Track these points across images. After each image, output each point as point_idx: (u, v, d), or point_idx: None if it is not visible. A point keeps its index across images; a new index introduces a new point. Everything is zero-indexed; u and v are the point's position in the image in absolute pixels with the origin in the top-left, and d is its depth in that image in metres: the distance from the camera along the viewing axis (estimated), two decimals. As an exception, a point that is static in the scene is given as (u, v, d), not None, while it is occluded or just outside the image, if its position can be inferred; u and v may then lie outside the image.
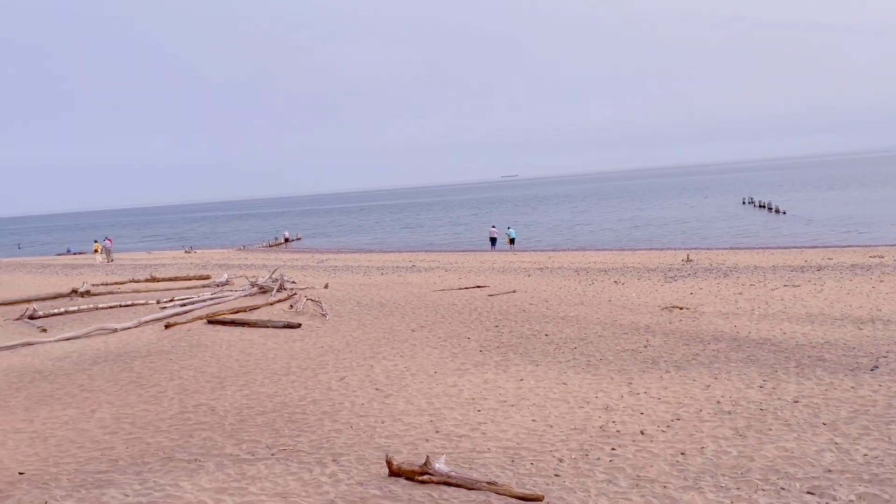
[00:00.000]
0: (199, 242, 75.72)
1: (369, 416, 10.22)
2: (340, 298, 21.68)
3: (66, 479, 7.96)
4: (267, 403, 11.08)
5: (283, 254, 53.46)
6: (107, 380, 13.06)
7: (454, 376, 12.31)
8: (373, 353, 14.36)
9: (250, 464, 8.28)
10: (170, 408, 11.07)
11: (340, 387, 11.90)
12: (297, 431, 9.60)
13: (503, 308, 19.04)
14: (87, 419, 10.65)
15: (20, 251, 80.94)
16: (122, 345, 16.19)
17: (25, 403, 11.70)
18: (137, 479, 7.86)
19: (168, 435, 9.68)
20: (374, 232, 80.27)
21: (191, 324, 18.19)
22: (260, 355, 14.59)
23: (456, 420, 9.86)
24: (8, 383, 13.14)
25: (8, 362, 14.94)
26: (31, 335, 17.95)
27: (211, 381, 12.68)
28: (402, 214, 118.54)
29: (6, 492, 7.57)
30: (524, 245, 48.50)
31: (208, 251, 59.86)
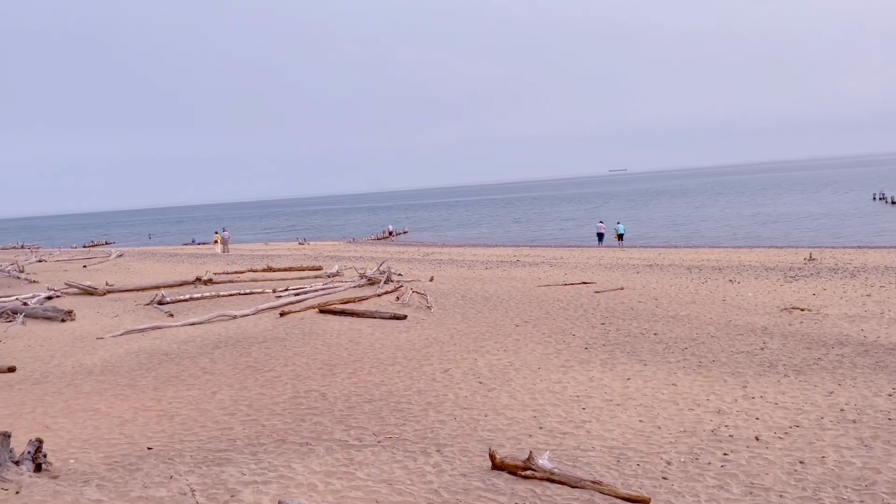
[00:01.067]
0: (312, 234, 78.59)
1: (472, 408, 10.29)
2: (445, 291, 21.93)
3: (189, 456, 8.49)
4: (374, 392, 11.38)
5: (390, 247, 54.64)
6: (227, 363, 13.81)
7: (558, 373, 12.20)
8: (476, 347, 14.45)
9: (358, 450, 8.54)
10: (283, 392, 11.58)
11: (444, 378, 12.05)
12: (403, 420, 9.81)
13: (610, 305, 18.66)
14: (209, 400, 11.31)
15: (151, 241, 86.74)
16: (240, 331, 17.07)
17: (154, 383, 12.56)
18: (253, 458, 8.27)
19: (282, 418, 10.12)
20: (481, 226, 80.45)
21: (304, 312, 18.94)
22: (368, 345, 15.00)
23: (560, 417, 9.77)
24: (139, 364, 14.15)
25: (139, 344, 16.08)
26: (160, 319, 19.23)
27: (322, 367, 13.15)
28: (509, 209, 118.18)
29: (136, 465, 8.16)
30: (634, 241, 47.27)
31: (320, 243, 62.05)
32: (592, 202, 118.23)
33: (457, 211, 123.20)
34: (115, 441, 9.30)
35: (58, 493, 6.84)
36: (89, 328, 18.39)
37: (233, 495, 6.92)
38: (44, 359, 14.97)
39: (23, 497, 6.68)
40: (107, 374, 13.38)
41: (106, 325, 18.70)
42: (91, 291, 24.91)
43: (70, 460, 8.36)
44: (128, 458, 8.48)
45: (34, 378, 13.27)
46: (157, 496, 6.90)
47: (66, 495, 6.78)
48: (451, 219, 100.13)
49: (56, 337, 17.41)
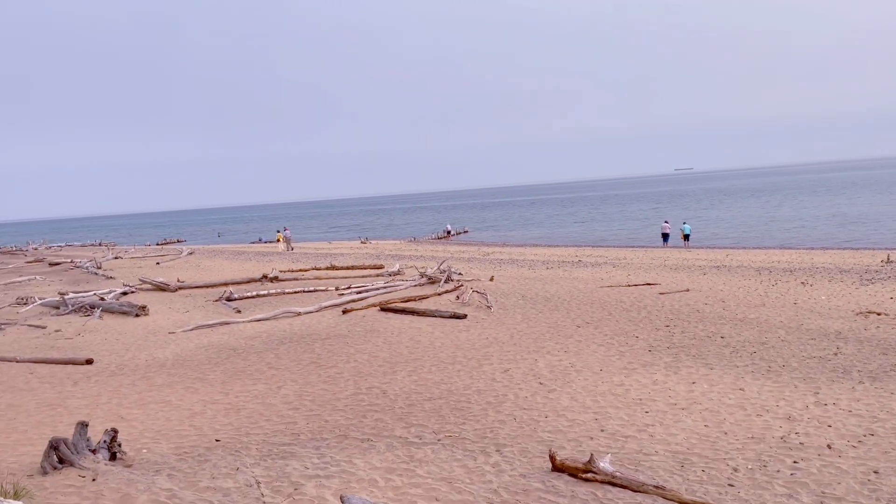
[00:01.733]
0: (374, 234, 79.50)
1: (533, 409, 10.24)
2: (505, 291, 21.87)
3: (255, 449, 8.72)
4: (434, 390, 11.45)
5: (450, 246, 54.81)
6: (291, 359, 14.12)
7: (621, 375, 12.02)
8: (537, 347, 14.36)
9: (418, 447, 8.61)
10: (345, 388, 11.76)
11: (504, 378, 12.03)
12: (462, 419, 9.84)
13: (675, 307, 18.27)
14: (274, 394, 11.59)
15: (220, 239, 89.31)
16: (304, 327, 17.42)
17: (222, 377, 12.94)
18: (316, 453, 8.44)
19: (344, 414, 10.29)
20: (542, 226, 79.78)
21: (365, 310, 19.20)
22: (428, 343, 15.09)
23: (622, 420, 9.63)
24: (208, 358, 14.60)
25: (209, 339, 16.60)
26: (228, 315, 19.80)
27: (383, 365, 13.31)
28: (573, 208, 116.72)
29: (205, 456, 8.43)
30: (701, 241, 46.10)
31: (382, 242, 62.72)
32: (658, 202, 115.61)
33: (518, 211, 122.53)
34: (185, 432, 9.63)
35: (131, 481, 7.13)
36: (162, 323, 19.08)
37: (296, 488, 7.07)
38: (119, 352, 15.62)
39: (99, 484, 6.99)
40: (178, 367, 13.86)
41: (177, 321, 19.37)
42: (163, 287, 25.84)
43: (143, 450, 8.70)
44: (197, 449, 8.77)
45: (110, 370, 13.85)
46: (224, 487, 7.12)
47: (139, 484, 7.06)
48: (512, 218, 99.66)
49: (130, 331, 18.13)
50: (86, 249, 63.44)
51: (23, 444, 9.16)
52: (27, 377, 13.56)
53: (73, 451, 7.65)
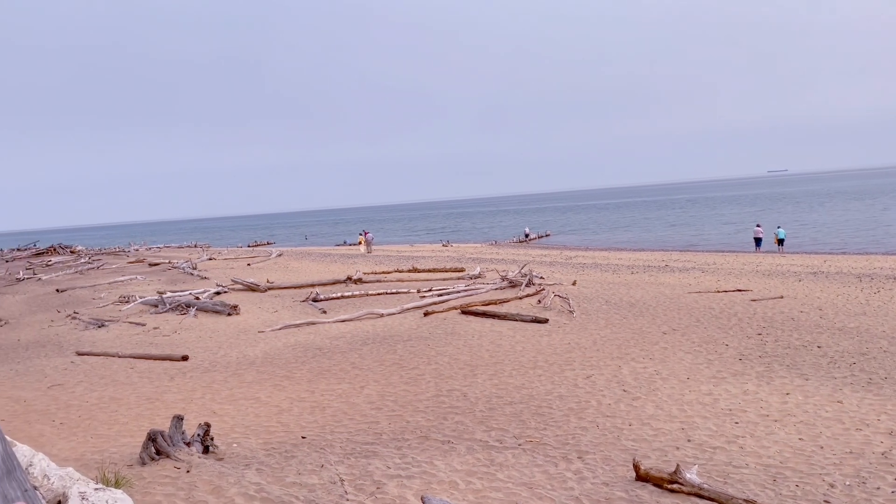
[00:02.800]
0: (455, 237, 79.89)
1: (616, 416, 10.05)
2: (588, 296, 21.55)
3: (339, 447, 8.92)
4: (515, 394, 11.40)
5: (532, 249, 54.41)
6: (374, 360, 14.37)
7: (709, 384, 11.63)
8: (621, 354, 14.08)
9: (498, 451, 8.60)
10: (427, 390, 11.87)
11: (587, 385, 11.85)
12: (543, 425, 9.75)
13: (768, 315, 17.53)
14: (357, 394, 11.82)
15: (307, 241, 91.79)
16: (387, 329, 17.69)
17: (308, 376, 13.31)
18: (398, 453, 8.55)
19: (425, 415, 10.39)
20: (630, 229, 78.01)
21: (446, 313, 19.32)
22: (509, 347, 15.04)
23: (710, 430, 9.32)
24: (295, 357, 15.04)
25: (296, 338, 17.09)
26: (314, 315, 20.34)
27: (463, 368, 13.36)
28: (661, 211, 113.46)
29: (291, 452, 8.68)
30: (798, 246, 44.04)
31: (463, 245, 62.93)
32: (753, 205, 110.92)
33: (605, 214, 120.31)
34: (273, 429, 9.95)
35: (223, 474, 7.42)
36: (252, 322, 19.79)
37: (378, 487, 7.19)
38: (212, 349, 16.29)
39: (193, 476, 7.31)
40: (266, 365, 14.35)
41: (266, 320, 20.04)
42: (254, 288, 26.80)
43: (233, 444, 9.04)
44: (284, 445, 9.05)
45: (204, 367, 14.47)
46: (309, 483, 7.31)
47: (230, 476, 7.34)
48: (598, 222, 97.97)
49: (223, 329, 18.89)
50: (182, 251, 66.49)
51: (124, 436, 9.70)
52: (128, 372, 14.34)
53: (169, 444, 8.04)
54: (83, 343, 18.02)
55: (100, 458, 8.35)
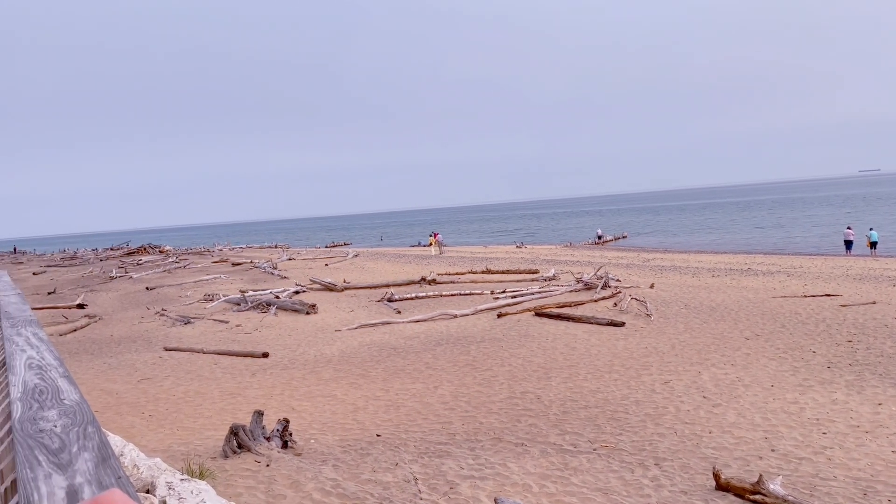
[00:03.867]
0: (530, 238, 79.39)
1: (695, 423, 9.77)
2: (666, 299, 21.02)
3: (413, 446, 9.01)
4: (589, 398, 11.25)
5: (608, 251, 53.51)
6: (447, 360, 14.45)
7: (795, 392, 11.16)
8: (700, 359, 13.68)
9: (572, 455, 8.50)
10: (500, 392, 11.85)
11: (665, 390, 11.57)
12: (619, 430, 9.58)
13: (859, 321, 16.68)
14: (431, 394, 11.91)
15: (382, 242, 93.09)
16: (460, 330, 17.76)
17: (383, 375, 13.50)
18: (471, 454, 8.57)
19: (498, 417, 10.37)
20: (713, 231, 75.48)
21: (520, 315, 19.22)
22: (583, 350, 14.85)
23: (795, 440, 8.94)
24: (371, 356, 15.28)
25: (371, 338, 17.37)
26: (389, 315, 20.61)
27: (537, 370, 13.26)
28: (746, 213, 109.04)
29: (366, 450, 8.83)
30: (890, 250, 41.74)
31: (537, 247, 62.47)
32: (844, 206, 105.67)
33: (685, 215, 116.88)
34: (348, 426, 10.14)
35: (301, 469, 7.61)
36: (329, 321, 20.23)
37: (452, 487, 7.22)
38: (291, 347, 16.74)
39: (272, 470, 7.53)
40: (343, 363, 14.63)
41: (343, 319, 20.45)
42: (331, 287, 27.38)
43: (311, 440, 9.26)
44: (359, 442, 9.21)
45: (283, 364, 14.88)
46: (384, 481, 7.41)
47: (308, 472, 7.52)
48: (679, 223, 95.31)
49: (301, 327, 19.38)
50: (264, 251, 68.53)
51: (208, 429, 10.08)
52: (212, 367, 14.90)
53: (250, 438, 8.30)
54: (170, 339, 18.83)
55: (185, 450, 8.71)
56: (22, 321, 3.66)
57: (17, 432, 1.62)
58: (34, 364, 2.39)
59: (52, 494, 1.24)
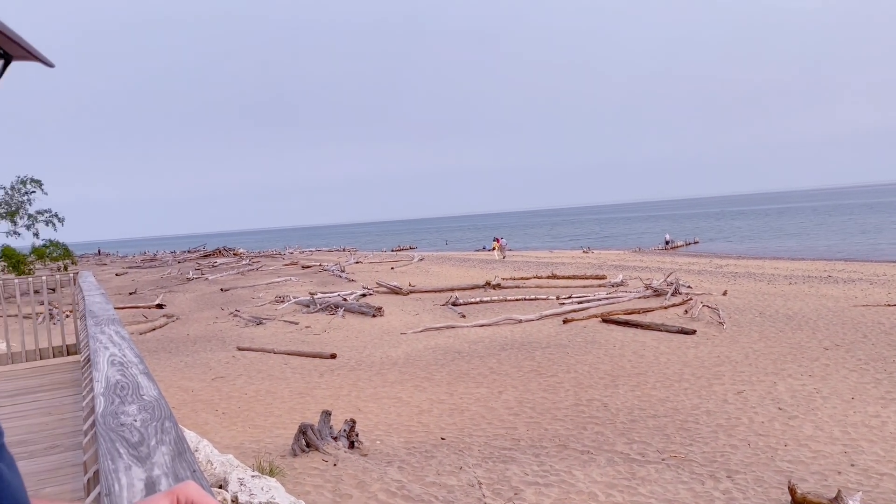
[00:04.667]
0: (597, 243, 78.31)
1: (770, 435, 9.43)
2: (740, 307, 20.37)
3: (478, 450, 9.00)
4: (658, 407, 11.00)
5: (679, 257, 52.23)
6: (512, 365, 14.39)
7: (877, 405, 10.64)
8: (776, 369, 13.20)
9: (640, 465, 8.33)
10: (565, 398, 11.72)
11: (737, 401, 11.21)
12: (689, 440, 9.34)
13: (949, 332, 15.78)
14: (495, 399, 11.88)
15: (447, 246, 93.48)
16: (525, 335, 17.66)
17: (448, 378, 13.54)
18: (536, 460, 8.51)
19: (563, 424, 10.26)
20: (791, 237, 72.61)
21: (586, 321, 18.98)
22: (652, 358, 14.54)
23: (876, 455, 8.52)
24: (435, 359, 15.36)
25: (436, 341, 17.46)
26: (454, 319, 20.67)
27: (604, 377, 13.06)
28: (830, 217, 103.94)
29: (431, 453, 8.87)
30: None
31: (604, 252, 61.54)
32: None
33: (762, 220, 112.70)
34: (413, 428, 10.22)
35: (367, 469, 7.72)
36: (394, 323, 20.44)
37: (516, 493, 7.19)
38: (358, 348, 16.99)
39: (339, 469, 7.65)
40: (408, 366, 14.76)
41: (408, 322, 20.62)
42: (397, 291, 27.67)
43: (377, 441, 9.38)
44: (424, 445, 9.26)
45: (350, 365, 15.12)
46: (448, 484, 7.44)
47: (373, 472, 7.62)
48: (754, 228, 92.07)
49: (368, 330, 19.65)
50: (332, 254, 69.80)
51: (278, 427, 10.32)
52: (282, 367, 15.26)
53: (318, 437, 8.47)
54: (243, 339, 19.39)
55: (256, 448, 8.94)
56: (105, 320, 3.85)
57: (100, 426, 1.70)
58: (116, 361, 2.51)
59: (132, 486, 1.30)
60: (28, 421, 5.06)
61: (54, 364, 7.01)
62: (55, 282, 7.85)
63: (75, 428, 4.78)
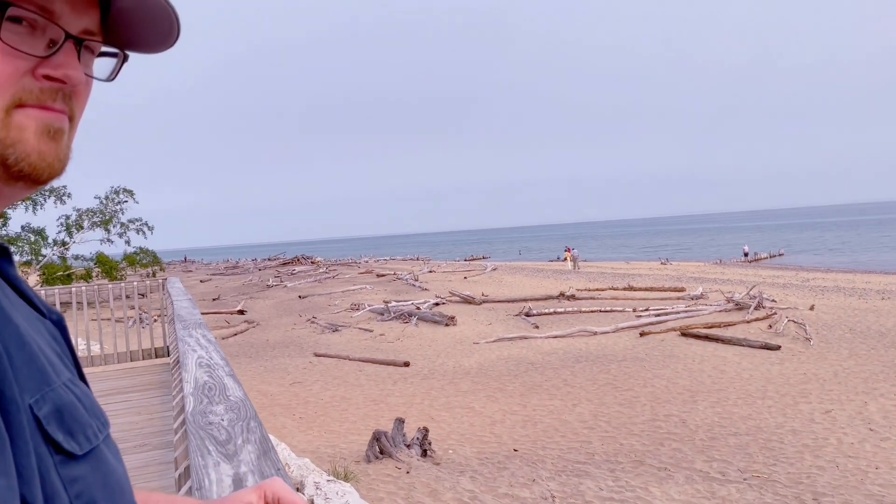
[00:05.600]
0: (675, 254, 76.35)
1: (860, 457, 8.96)
2: (828, 323, 19.45)
3: (551, 463, 8.91)
4: (740, 425, 10.62)
5: (763, 270, 50.34)
6: (586, 378, 14.17)
7: (982, 431, 9.96)
8: (867, 388, 12.53)
9: (721, 484, 8.06)
10: (642, 413, 11.46)
11: (825, 420, 10.70)
12: (773, 460, 8.98)
13: None
14: (569, 411, 11.72)
15: (520, 256, 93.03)
16: (600, 347, 17.37)
17: (520, 389, 13.46)
18: (611, 475, 8.35)
19: (639, 439, 10.03)
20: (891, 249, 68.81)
21: (664, 334, 18.52)
22: (734, 374, 14.06)
23: (982, 485, 7.97)
24: (508, 370, 15.29)
25: (509, 352, 17.39)
26: (527, 330, 20.54)
27: (682, 393, 12.71)
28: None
29: (503, 464, 8.83)
30: None
31: (683, 263, 59.90)
32: None
33: (856, 231, 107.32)
34: (486, 439, 10.20)
35: (439, 478, 7.75)
36: (467, 333, 20.47)
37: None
38: (431, 357, 17.09)
39: (412, 477, 7.72)
40: (480, 376, 14.74)
41: (481, 332, 20.62)
42: (469, 300, 27.71)
43: (449, 450, 9.41)
44: (496, 456, 9.23)
45: (423, 374, 15.23)
46: (520, 496, 7.38)
47: (446, 481, 7.64)
48: (846, 240, 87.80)
49: (440, 339, 19.75)
50: (406, 263, 70.58)
51: (352, 433, 10.50)
52: (357, 374, 15.51)
53: (391, 444, 8.57)
54: (320, 345, 19.81)
55: (331, 452, 9.12)
56: (192, 324, 4.02)
57: (190, 424, 1.79)
58: (203, 363, 2.62)
59: (221, 481, 1.36)
60: (120, 420, 5.32)
61: (143, 366, 7.35)
62: (145, 287, 8.24)
63: (163, 427, 5.00)
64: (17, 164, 0.59)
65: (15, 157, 0.59)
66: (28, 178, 0.60)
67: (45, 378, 0.56)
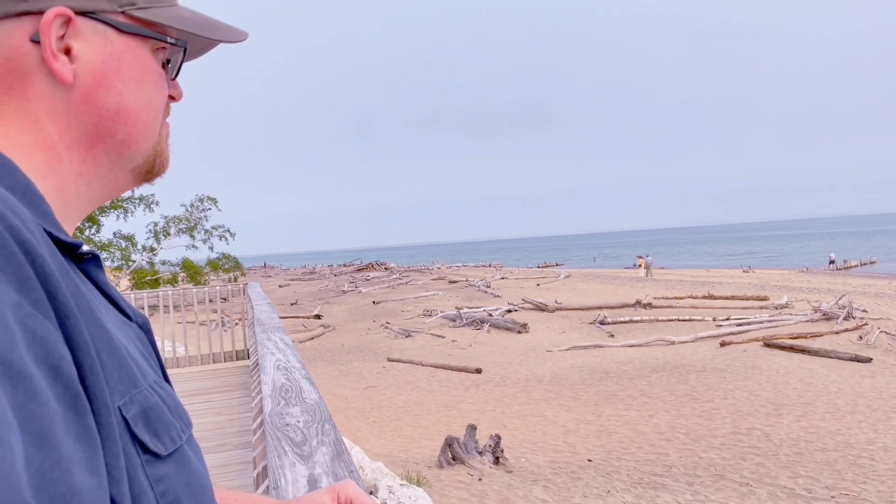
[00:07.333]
0: (758, 262, 73.62)
1: (963, 480, 8.41)
2: (927, 334, 18.35)
3: (626, 475, 8.72)
4: (827, 440, 10.14)
5: (853, 278, 47.93)
6: (663, 388, 13.82)
7: None
8: (971, 405, 11.75)
9: (806, 501, 7.71)
10: (722, 426, 11.09)
11: (923, 438, 10.09)
12: (863, 478, 8.52)
13: None
14: (645, 422, 11.45)
15: (594, 263, 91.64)
16: (678, 357, 16.91)
17: (595, 399, 13.24)
18: (689, 489, 8.11)
19: (719, 453, 9.71)
20: None
21: (746, 344, 17.88)
22: (821, 387, 13.43)
23: None
24: (581, 379, 15.07)
25: (582, 360, 17.14)
26: (601, 339, 20.21)
27: (766, 406, 12.23)
28: None
29: (577, 474, 8.70)
30: None
31: (767, 271, 57.68)
32: None
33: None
34: (559, 448, 10.07)
35: (511, 486, 7.70)
36: (540, 341, 20.30)
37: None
38: (503, 364, 17.02)
39: (484, 484, 7.70)
40: (553, 384, 14.58)
41: (554, 340, 20.41)
42: (542, 308, 27.48)
43: (521, 458, 9.34)
44: (570, 465, 9.10)
45: (495, 381, 15.18)
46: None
47: (518, 490, 7.59)
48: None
49: (513, 346, 19.64)
50: (478, 269, 70.62)
51: (424, 438, 10.55)
52: (429, 379, 15.60)
53: (463, 451, 8.57)
54: (393, 350, 20.03)
55: (404, 457, 9.19)
56: (271, 327, 4.14)
57: (268, 425, 1.84)
58: (281, 365, 2.69)
59: (296, 481, 1.39)
60: (202, 420, 5.52)
61: (225, 368, 7.61)
62: (227, 292, 8.54)
63: (242, 428, 5.16)
64: (160, 170, 0.71)
65: (160, 163, 0.70)
66: (154, 178, 0.72)
67: (133, 381, 0.58)
